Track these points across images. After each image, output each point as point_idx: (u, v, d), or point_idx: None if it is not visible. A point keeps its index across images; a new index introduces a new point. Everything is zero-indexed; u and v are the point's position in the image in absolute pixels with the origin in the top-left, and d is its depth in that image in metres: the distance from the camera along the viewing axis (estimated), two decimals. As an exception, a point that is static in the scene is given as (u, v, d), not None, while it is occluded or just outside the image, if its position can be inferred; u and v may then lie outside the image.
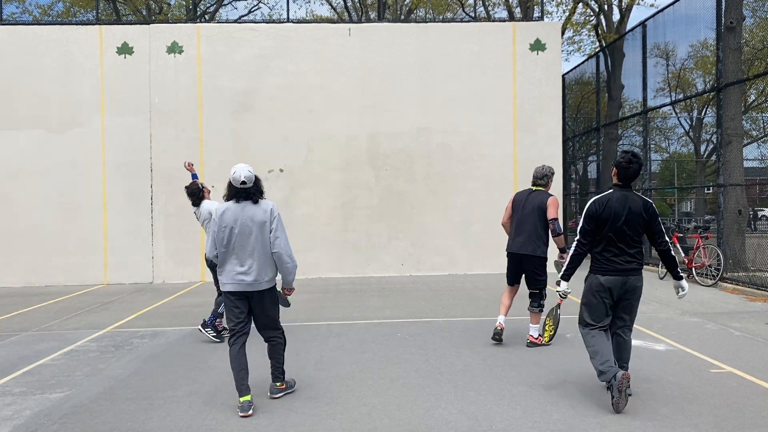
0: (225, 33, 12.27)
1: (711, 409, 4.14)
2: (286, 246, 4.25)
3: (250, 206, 4.24)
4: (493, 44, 12.44)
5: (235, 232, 4.21)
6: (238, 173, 4.22)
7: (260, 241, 4.22)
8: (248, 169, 4.24)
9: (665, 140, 27.78)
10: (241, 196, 4.25)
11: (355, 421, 4.01)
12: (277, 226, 4.23)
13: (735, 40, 10.77)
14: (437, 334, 6.58)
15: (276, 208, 4.31)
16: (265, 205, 4.28)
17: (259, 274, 4.23)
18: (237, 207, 4.24)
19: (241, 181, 4.22)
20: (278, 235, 4.22)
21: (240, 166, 4.27)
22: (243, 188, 4.25)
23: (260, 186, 4.35)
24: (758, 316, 7.41)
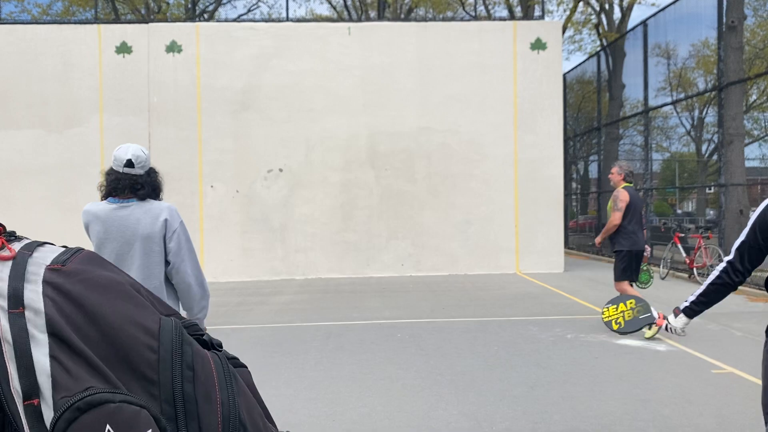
0: (224, 32, 12.24)
1: (712, 409, 4.11)
2: (196, 271, 2.73)
3: (132, 208, 2.69)
4: (494, 43, 12.41)
5: (104, 252, 2.66)
6: (123, 150, 2.72)
7: (146, 267, 2.66)
8: (141, 148, 2.77)
9: (666, 140, 27.72)
10: (123, 188, 2.69)
11: (355, 422, 3.98)
12: (179, 243, 2.68)
13: (736, 40, 10.74)
14: (437, 335, 6.55)
15: (177, 213, 2.75)
16: (157, 209, 2.71)
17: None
18: (109, 211, 2.68)
19: (126, 160, 2.68)
20: (183, 257, 2.68)
21: (128, 144, 2.84)
22: (128, 174, 2.70)
23: (156, 179, 2.84)
24: (760, 317, 7.38)
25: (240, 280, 11.71)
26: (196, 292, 2.76)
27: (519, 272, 12.26)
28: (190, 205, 12.03)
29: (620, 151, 20.41)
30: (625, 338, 6.25)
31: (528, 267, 12.33)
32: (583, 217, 22.56)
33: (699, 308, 2.71)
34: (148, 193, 2.77)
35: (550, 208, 12.40)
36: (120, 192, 2.72)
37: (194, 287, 2.74)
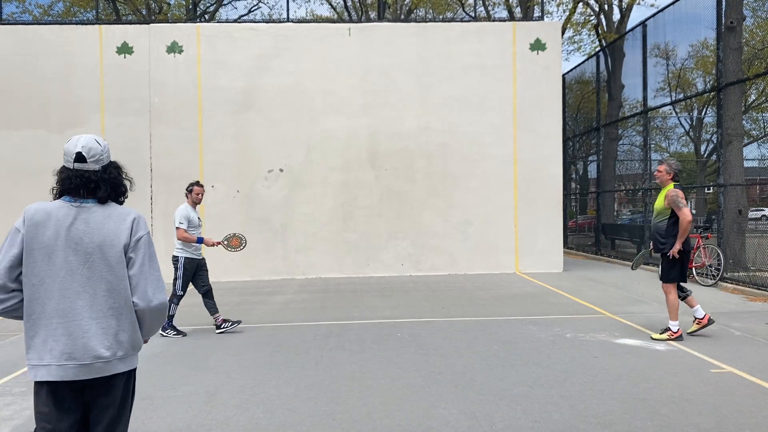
0: (225, 33, 12.26)
1: (711, 409, 4.14)
2: (158, 291, 2.27)
3: (92, 211, 2.22)
4: (493, 44, 12.44)
5: (55, 262, 2.15)
6: (73, 141, 2.27)
7: (109, 282, 2.20)
8: (95, 138, 2.30)
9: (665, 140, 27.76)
10: (76, 187, 2.22)
11: (355, 422, 4.01)
12: (144, 256, 2.25)
13: (735, 40, 10.76)
14: (437, 334, 6.58)
15: (144, 223, 2.32)
16: (123, 212, 2.28)
17: (107, 345, 2.19)
18: (64, 211, 2.19)
19: (75, 153, 2.23)
20: (145, 273, 2.24)
21: (81, 135, 2.35)
22: (79, 171, 2.23)
23: (117, 177, 2.33)
24: (758, 316, 7.41)
25: (240, 279, 11.73)
26: (158, 319, 2.33)
27: (518, 272, 12.29)
28: (190, 206, 12.04)
29: (619, 152, 20.45)
30: (625, 338, 6.28)
31: (527, 267, 12.36)
32: (583, 217, 22.61)
33: None
34: (107, 194, 2.26)
35: (549, 208, 12.43)
36: (73, 192, 2.21)
37: (157, 312, 2.29)
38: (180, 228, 6.79)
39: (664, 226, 6.21)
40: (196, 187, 7.02)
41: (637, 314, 7.58)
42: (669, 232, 6.15)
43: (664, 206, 6.17)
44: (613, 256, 14.98)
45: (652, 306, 8.21)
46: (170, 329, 6.79)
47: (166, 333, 6.75)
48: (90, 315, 2.17)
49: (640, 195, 15.43)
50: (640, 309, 7.98)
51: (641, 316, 7.49)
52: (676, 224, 6.10)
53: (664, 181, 6.29)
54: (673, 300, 6.17)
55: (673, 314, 6.15)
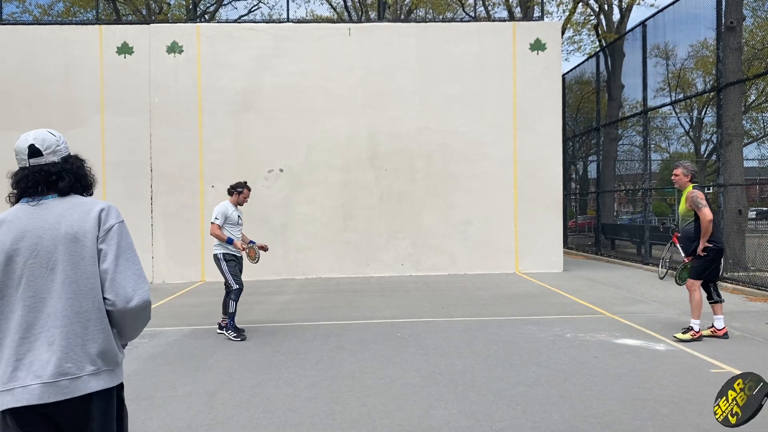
0: (225, 33, 12.26)
1: (711, 409, 4.14)
2: (138, 287, 1.94)
3: (52, 204, 1.95)
4: (493, 44, 12.44)
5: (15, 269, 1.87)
6: (23, 137, 2.01)
7: (74, 282, 1.89)
8: (48, 131, 2.05)
9: (665, 140, 27.77)
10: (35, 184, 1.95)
11: (355, 421, 4.01)
12: (118, 246, 1.94)
13: (735, 40, 10.77)
14: (437, 334, 6.58)
15: (116, 212, 2.02)
16: (89, 202, 2.01)
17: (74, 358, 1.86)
18: (23, 213, 1.93)
19: (27, 148, 1.97)
20: (121, 266, 1.93)
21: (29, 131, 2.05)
22: (36, 166, 1.97)
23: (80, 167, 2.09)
24: (758, 316, 7.41)
25: (240, 280, 11.73)
26: (140, 317, 1.96)
27: (518, 272, 12.29)
28: (191, 205, 12.05)
29: (619, 152, 20.46)
30: (625, 338, 6.28)
31: (527, 267, 12.36)
32: (583, 217, 22.61)
33: None
34: (71, 185, 1.99)
35: (549, 208, 12.43)
36: (31, 190, 1.94)
37: (137, 309, 1.92)
38: (214, 224, 6.57)
39: (692, 228, 6.20)
40: (246, 190, 6.87)
41: (637, 314, 7.58)
42: (698, 233, 6.13)
43: (687, 208, 6.16)
44: (613, 256, 14.99)
45: (652, 306, 8.21)
46: (231, 330, 6.53)
47: (227, 333, 6.52)
48: (54, 323, 1.84)
49: (640, 195, 15.44)
50: (640, 309, 7.99)
51: (641, 316, 7.49)
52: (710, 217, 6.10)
53: (682, 184, 6.29)
54: (698, 298, 6.14)
55: (696, 313, 6.12)
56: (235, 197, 6.83)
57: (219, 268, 6.66)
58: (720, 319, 6.21)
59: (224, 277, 6.65)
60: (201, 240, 12.01)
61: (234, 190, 6.85)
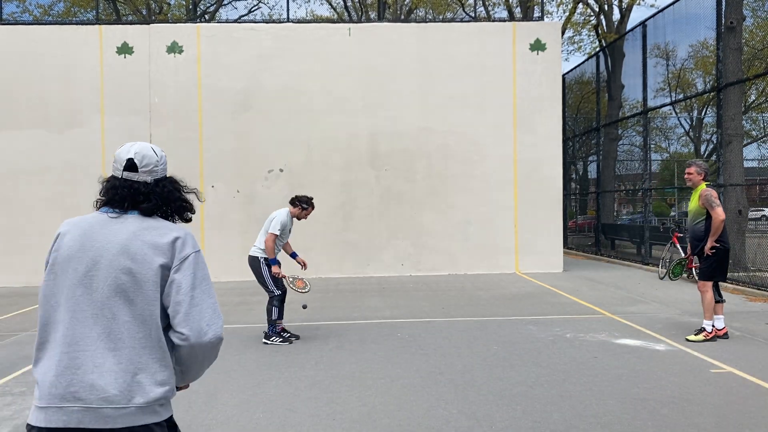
0: (225, 33, 12.26)
1: (711, 409, 4.14)
2: (213, 322, 1.80)
3: (132, 222, 1.84)
4: (493, 44, 12.44)
5: (71, 278, 1.76)
6: (126, 148, 1.92)
7: (131, 304, 1.75)
8: (152, 147, 1.96)
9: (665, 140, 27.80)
10: (121, 199, 1.86)
11: (355, 421, 4.01)
12: (194, 277, 1.81)
13: (735, 40, 10.77)
14: (437, 334, 6.58)
15: (193, 241, 1.88)
16: (165, 226, 1.86)
17: (124, 382, 1.71)
18: (102, 222, 1.83)
19: (125, 160, 1.88)
20: (197, 298, 1.79)
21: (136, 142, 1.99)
22: (128, 181, 1.87)
23: (174, 190, 1.95)
24: (758, 316, 7.41)
25: (241, 279, 11.73)
26: (208, 355, 1.84)
27: (518, 272, 12.29)
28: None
29: (619, 152, 20.45)
30: (625, 338, 6.28)
31: (527, 267, 12.36)
32: (583, 218, 22.61)
33: None
34: (156, 207, 1.88)
35: (549, 208, 12.43)
36: (117, 203, 1.86)
37: (207, 347, 1.79)
38: (274, 234, 6.21)
39: (701, 228, 6.16)
40: (311, 208, 6.53)
41: (637, 314, 7.58)
42: (708, 233, 6.10)
43: (699, 206, 6.14)
44: (613, 256, 14.99)
45: (651, 306, 8.21)
46: (275, 336, 6.27)
47: (271, 341, 6.24)
48: (106, 346, 1.71)
49: (640, 195, 15.44)
50: (640, 309, 7.99)
51: (641, 316, 7.49)
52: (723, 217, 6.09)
53: (695, 182, 6.26)
54: (710, 299, 6.12)
55: (708, 314, 6.11)
56: (297, 210, 6.48)
57: (258, 272, 6.31)
58: (720, 319, 6.21)
59: (263, 282, 6.31)
60: (201, 240, 12.01)
61: (299, 203, 6.48)
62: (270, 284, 6.29)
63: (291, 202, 6.55)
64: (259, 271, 6.31)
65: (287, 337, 6.35)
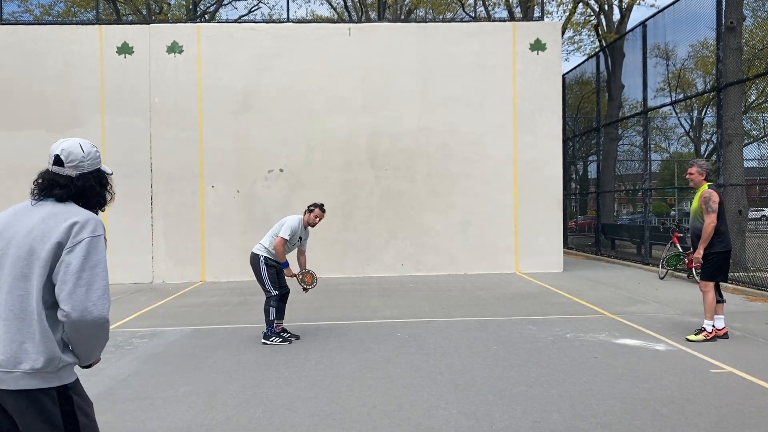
0: (225, 33, 12.26)
1: (711, 409, 4.14)
2: (99, 302, 1.90)
3: (45, 208, 2.00)
4: (493, 44, 12.44)
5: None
6: (57, 143, 2.09)
7: (27, 281, 1.91)
8: (81, 143, 2.09)
9: (665, 140, 27.80)
10: (43, 188, 2.05)
11: (356, 421, 4.01)
12: (84, 260, 1.90)
13: (735, 40, 10.77)
14: (437, 334, 6.58)
15: (93, 227, 1.96)
16: (71, 213, 1.98)
17: (11, 349, 1.89)
18: (22, 208, 2.05)
19: (53, 156, 2.05)
20: (84, 279, 1.89)
21: (69, 138, 2.12)
22: (53, 174, 2.05)
23: (95, 185, 2.10)
24: (758, 316, 7.41)
25: (241, 279, 11.74)
26: (94, 332, 1.93)
27: (518, 272, 12.29)
28: (191, 205, 12.06)
29: (619, 152, 20.45)
30: (625, 338, 6.28)
31: (527, 267, 12.36)
32: (583, 217, 22.62)
33: None
34: (67, 194, 2.01)
35: (549, 208, 12.43)
36: (39, 192, 2.04)
37: (91, 325, 1.90)
38: (282, 238, 6.28)
39: (702, 227, 6.13)
40: (318, 210, 6.57)
41: (637, 314, 7.58)
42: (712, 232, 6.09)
43: (700, 206, 6.12)
44: (613, 256, 14.98)
45: (651, 306, 8.21)
46: (274, 337, 6.23)
47: (270, 341, 6.19)
48: (1, 316, 1.91)
49: (640, 195, 15.44)
50: (640, 309, 7.99)
51: (641, 316, 7.49)
52: (721, 224, 6.07)
53: (697, 182, 6.25)
54: (711, 299, 6.12)
55: (709, 314, 6.11)
56: (306, 216, 6.55)
57: (257, 271, 6.32)
58: (720, 319, 6.21)
59: (261, 282, 6.32)
60: (201, 240, 12.01)
61: (307, 208, 6.60)
62: (267, 284, 6.29)
63: (305, 212, 6.66)
64: (258, 269, 6.33)
65: (287, 337, 6.33)
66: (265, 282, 6.30)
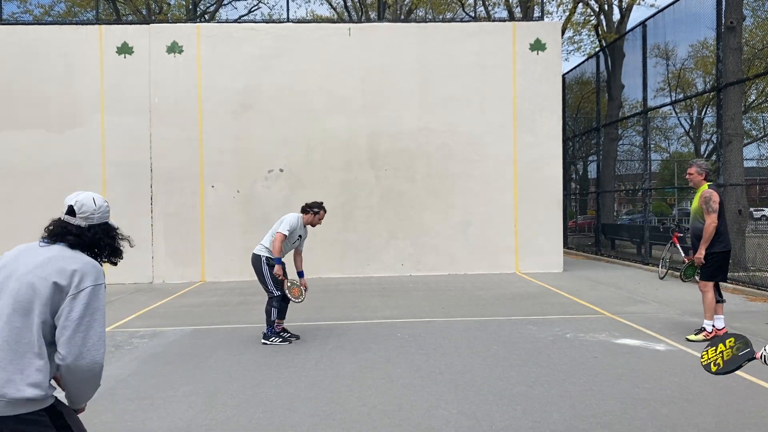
0: (225, 33, 12.26)
1: (711, 409, 4.14)
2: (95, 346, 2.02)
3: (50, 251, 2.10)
4: (493, 44, 12.44)
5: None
6: (73, 195, 2.25)
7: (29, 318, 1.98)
8: (94, 197, 2.25)
9: (665, 140, 27.80)
10: (56, 236, 2.16)
11: (356, 421, 4.01)
12: (86, 308, 2.01)
13: (735, 40, 10.77)
14: (437, 334, 6.58)
15: (95, 275, 2.08)
16: (72, 262, 2.07)
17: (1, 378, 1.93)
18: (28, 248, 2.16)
19: (67, 206, 2.21)
20: (84, 326, 2.00)
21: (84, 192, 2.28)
22: (64, 222, 2.19)
23: (104, 237, 2.26)
24: (758, 316, 7.41)
25: (241, 279, 11.74)
26: (85, 381, 2.04)
27: (518, 272, 12.29)
28: (191, 205, 12.06)
29: (619, 152, 20.45)
30: (625, 338, 6.28)
31: (527, 267, 12.36)
32: (583, 217, 22.62)
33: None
34: (78, 242, 2.15)
35: (549, 208, 12.43)
36: (50, 237, 2.16)
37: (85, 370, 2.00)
38: (282, 234, 6.24)
39: (702, 227, 6.11)
40: (323, 211, 6.62)
41: (637, 314, 7.58)
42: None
43: (700, 207, 6.11)
44: (613, 256, 14.99)
45: (651, 306, 8.21)
46: (274, 337, 6.23)
47: (270, 341, 6.20)
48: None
49: (640, 195, 15.44)
50: (640, 309, 7.99)
51: (641, 316, 7.49)
52: (721, 224, 6.05)
53: (696, 182, 6.24)
54: (711, 299, 6.11)
55: (709, 314, 6.11)
56: (309, 217, 6.53)
57: (259, 271, 6.29)
58: (720, 318, 6.21)
59: (263, 282, 6.30)
60: (201, 240, 12.01)
61: (310, 209, 6.52)
62: (270, 284, 6.27)
63: (303, 210, 6.59)
64: (260, 270, 6.29)
65: (287, 337, 6.33)
66: (268, 282, 6.28)
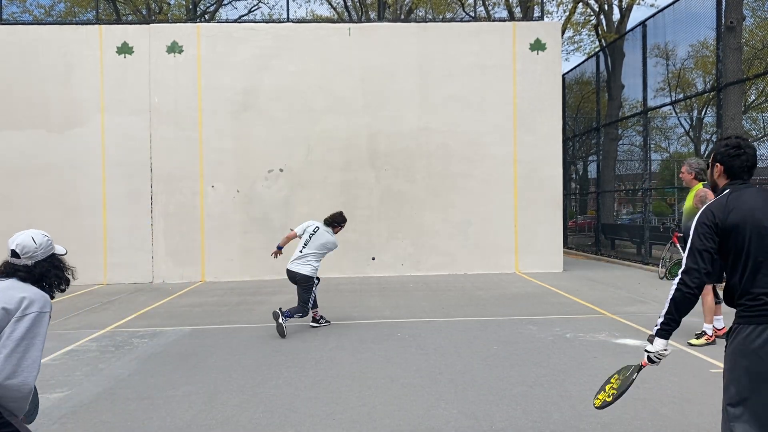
0: (225, 33, 12.26)
1: (711, 408, 4.14)
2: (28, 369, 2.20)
3: (3, 283, 2.37)
4: (493, 44, 12.44)
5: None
6: (12, 238, 2.46)
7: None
8: (33, 236, 2.47)
9: (665, 140, 27.79)
10: (5, 274, 2.43)
11: (355, 421, 4.01)
12: (27, 331, 2.22)
13: (735, 40, 10.77)
14: (437, 334, 6.58)
15: (41, 303, 2.31)
16: (24, 290, 2.33)
17: None
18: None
19: (10, 250, 2.44)
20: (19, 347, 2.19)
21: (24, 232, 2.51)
22: (12, 263, 2.43)
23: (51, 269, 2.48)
24: (758, 316, 7.39)
25: (241, 279, 11.74)
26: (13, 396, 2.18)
27: (518, 272, 12.29)
28: (191, 205, 12.06)
29: (619, 152, 20.45)
30: (625, 338, 6.28)
31: (527, 267, 12.36)
32: (582, 217, 22.62)
33: (671, 326, 2.64)
34: (30, 278, 2.40)
35: (549, 208, 12.43)
36: (3, 275, 2.42)
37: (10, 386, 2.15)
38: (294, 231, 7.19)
39: None
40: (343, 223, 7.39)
41: (637, 314, 7.58)
42: None
43: (693, 206, 6.09)
44: (613, 256, 14.98)
45: (652, 306, 8.21)
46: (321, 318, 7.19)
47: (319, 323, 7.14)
48: None
49: (640, 195, 15.44)
50: (640, 309, 7.99)
51: (641, 316, 7.49)
52: None
53: (688, 181, 6.24)
54: (710, 302, 6.10)
55: (709, 317, 6.09)
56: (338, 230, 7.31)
57: (307, 288, 6.83)
58: (720, 319, 6.21)
59: (305, 299, 6.83)
60: (201, 240, 12.01)
61: (339, 225, 7.27)
62: (310, 303, 6.87)
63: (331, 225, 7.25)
64: (308, 289, 6.85)
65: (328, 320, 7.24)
66: (309, 301, 6.87)
